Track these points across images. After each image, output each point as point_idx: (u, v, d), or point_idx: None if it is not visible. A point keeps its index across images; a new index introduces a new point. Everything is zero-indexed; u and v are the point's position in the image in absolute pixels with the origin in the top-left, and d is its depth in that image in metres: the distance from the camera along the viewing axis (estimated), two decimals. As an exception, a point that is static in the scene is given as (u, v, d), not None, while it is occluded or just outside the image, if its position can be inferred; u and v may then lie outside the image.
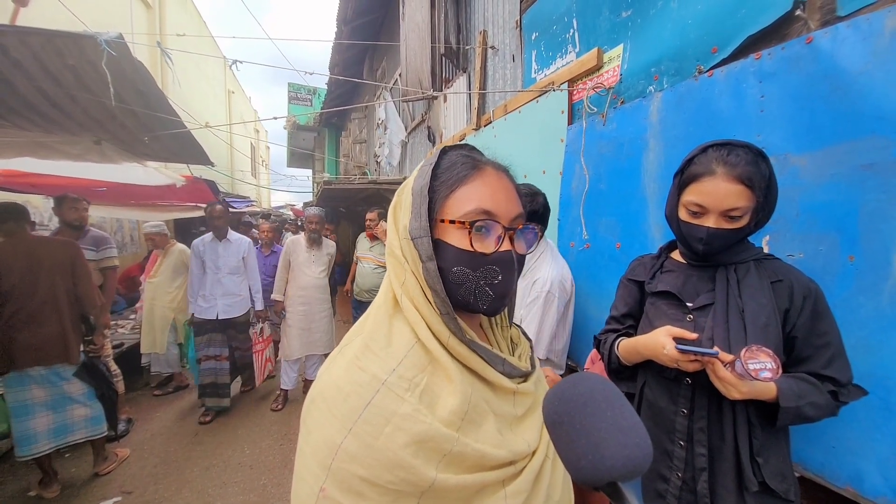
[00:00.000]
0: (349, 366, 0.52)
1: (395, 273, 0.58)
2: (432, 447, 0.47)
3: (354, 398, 0.48)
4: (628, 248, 1.74)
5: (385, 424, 0.47)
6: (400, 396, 0.48)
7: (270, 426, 3.43)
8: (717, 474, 0.91)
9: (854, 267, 1.06)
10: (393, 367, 0.50)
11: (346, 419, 0.48)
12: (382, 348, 0.52)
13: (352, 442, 0.46)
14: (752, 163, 0.88)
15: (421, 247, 0.54)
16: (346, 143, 10.57)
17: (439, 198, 0.56)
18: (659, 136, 1.60)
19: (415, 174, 0.59)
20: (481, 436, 0.50)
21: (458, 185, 0.55)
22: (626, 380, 1.12)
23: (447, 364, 0.52)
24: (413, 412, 0.47)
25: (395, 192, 0.64)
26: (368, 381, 0.49)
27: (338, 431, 0.47)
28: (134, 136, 2.93)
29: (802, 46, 1.17)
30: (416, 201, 0.55)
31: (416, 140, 5.48)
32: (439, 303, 0.54)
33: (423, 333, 0.53)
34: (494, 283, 0.54)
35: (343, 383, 0.50)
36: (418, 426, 0.47)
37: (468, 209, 0.54)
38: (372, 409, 0.47)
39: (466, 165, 0.57)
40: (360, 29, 6.84)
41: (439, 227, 0.55)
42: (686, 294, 1.01)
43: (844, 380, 0.87)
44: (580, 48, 2.13)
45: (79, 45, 2.20)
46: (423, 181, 0.56)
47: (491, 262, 0.54)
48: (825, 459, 1.12)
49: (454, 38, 3.62)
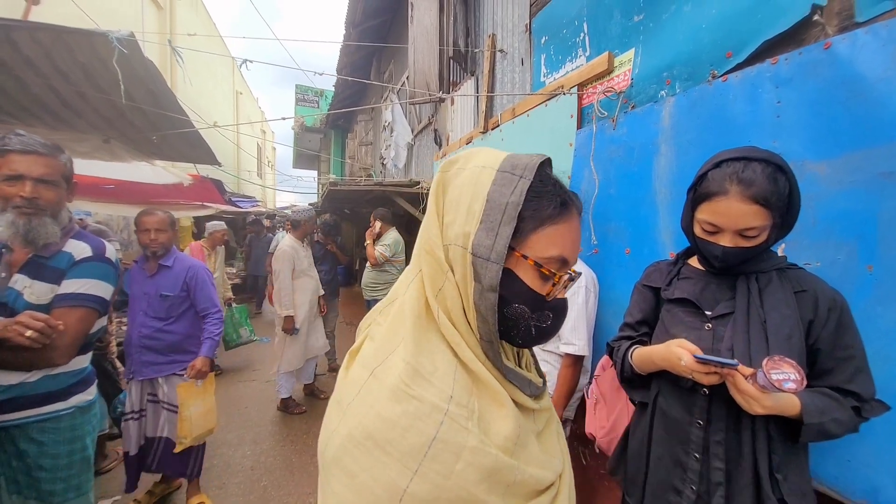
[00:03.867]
0: (398, 394, 0.44)
1: (431, 278, 0.51)
2: (499, 480, 0.44)
3: (415, 434, 0.42)
4: (638, 254, 1.72)
5: (455, 461, 0.42)
6: (464, 427, 0.44)
7: (271, 427, 3.41)
8: (734, 489, 0.89)
9: (873, 277, 1.04)
10: (449, 393, 0.45)
11: (409, 459, 0.42)
12: (432, 372, 0.46)
13: (420, 485, 0.41)
14: (769, 179, 0.84)
15: (484, 271, 0.48)
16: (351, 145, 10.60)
17: (525, 227, 0.50)
18: (671, 141, 1.58)
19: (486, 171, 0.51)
20: (531, 458, 0.48)
21: (548, 222, 0.50)
22: (638, 388, 1.09)
23: (495, 387, 0.49)
24: (480, 444, 0.43)
25: (401, 195, 0.60)
26: (428, 413, 0.43)
27: (400, 474, 0.41)
28: (143, 135, 2.94)
29: (820, 52, 1.16)
30: (494, 215, 0.48)
31: (423, 143, 5.48)
32: (483, 329, 0.49)
33: (466, 355, 0.49)
34: (543, 326, 0.52)
35: (396, 416, 0.43)
36: (487, 459, 0.43)
37: (552, 254, 0.50)
38: (438, 445, 0.42)
39: (558, 201, 0.51)
40: (369, 32, 6.87)
41: (514, 258, 0.50)
42: (704, 302, 0.99)
43: (867, 395, 0.85)
44: (590, 52, 2.11)
45: (90, 43, 2.22)
46: (511, 196, 0.48)
47: (549, 307, 0.52)
48: (840, 473, 1.09)
49: (462, 42, 3.63)
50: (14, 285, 1.33)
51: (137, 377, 2.20)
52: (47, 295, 1.36)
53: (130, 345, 2.21)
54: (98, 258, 1.48)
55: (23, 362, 1.29)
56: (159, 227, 2.22)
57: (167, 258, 2.28)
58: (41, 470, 1.36)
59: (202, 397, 2.27)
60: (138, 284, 2.26)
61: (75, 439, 1.44)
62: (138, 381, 2.22)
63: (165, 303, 2.23)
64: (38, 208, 1.33)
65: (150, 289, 2.23)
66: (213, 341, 2.30)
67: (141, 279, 2.27)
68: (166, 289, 2.24)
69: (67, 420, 1.42)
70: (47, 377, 1.37)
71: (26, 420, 1.35)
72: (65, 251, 1.43)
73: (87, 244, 1.48)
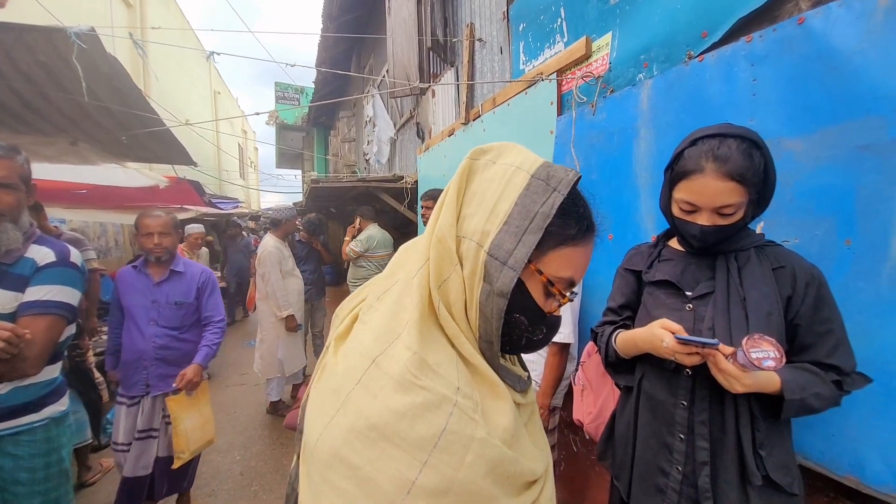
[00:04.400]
0: (405, 385, 0.42)
1: (437, 266, 0.48)
2: (502, 472, 0.43)
3: (424, 424, 0.41)
4: (621, 239, 1.72)
5: (465, 453, 0.41)
6: (472, 419, 0.42)
7: (261, 431, 3.36)
8: (719, 468, 0.88)
9: (851, 251, 1.04)
10: (456, 384, 0.44)
11: (418, 450, 0.40)
12: (438, 363, 0.45)
13: (429, 477, 0.40)
14: (744, 155, 0.84)
15: (498, 274, 0.46)
16: (334, 142, 10.46)
17: (548, 242, 0.49)
18: (650, 124, 1.57)
19: (520, 166, 0.50)
20: (524, 451, 0.48)
21: (570, 242, 0.50)
22: (623, 373, 1.08)
23: (494, 380, 0.48)
24: (486, 436, 0.42)
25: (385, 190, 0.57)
26: (438, 403, 0.42)
27: (408, 466, 0.40)
28: (111, 136, 2.84)
29: (794, 27, 1.15)
30: (521, 222, 0.47)
31: (406, 137, 5.42)
32: (484, 329, 0.48)
33: (465, 348, 0.48)
34: (534, 339, 0.53)
35: (405, 407, 0.41)
36: (493, 451, 0.42)
37: (565, 275, 0.50)
38: (449, 437, 0.41)
39: (584, 225, 0.51)
40: (346, 25, 6.75)
41: (528, 270, 0.49)
42: (685, 283, 0.98)
43: (848, 368, 0.85)
44: (568, 37, 2.09)
45: (50, 40, 2.12)
46: (544, 207, 0.47)
47: (544, 323, 0.53)
48: (825, 448, 1.10)
49: (441, 32, 3.57)
50: None
51: (153, 392, 2.02)
52: (11, 303, 1.30)
53: (141, 359, 2.00)
54: (62, 263, 1.42)
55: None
56: (163, 230, 2.03)
57: (176, 263, 2.13)
58: (18, 484, 1.31)
59: (196, 408, 2.10)
60: (139, 293, 2.04)
61: (51, 451, 1.39)
62: (152, 398, 2.03)
63: (180, 311, 2.08)
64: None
65: (159, 296, 2.05)
66: (209, 350, 2.11)
67: (144, 287, 2.06)
68: (180, 296, 2.08)
69: (42, 432, 1.37)
70: (18, 389, 1.32)
71: (7, 431, 1.30)
72: (27, 257, 1.36)
73: (50, 249, 1.41)
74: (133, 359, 2.01)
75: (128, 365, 2.02)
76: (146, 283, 2.06)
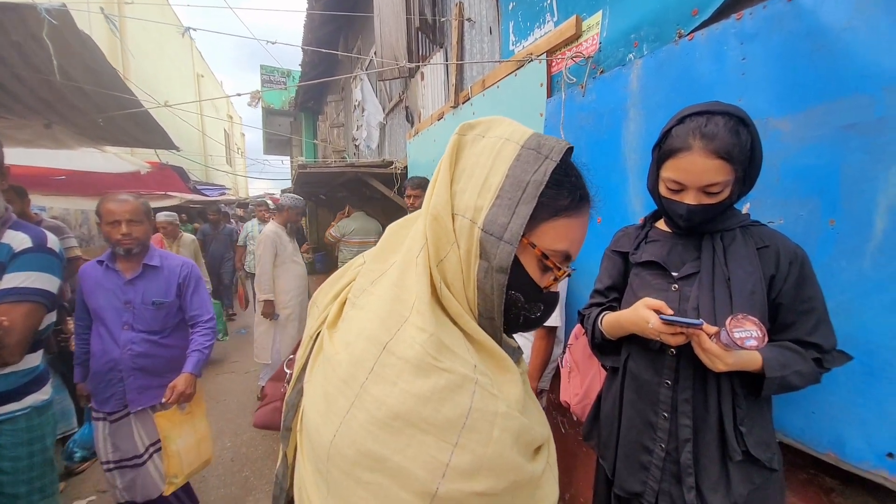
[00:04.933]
0: (426, 369, 0.41)
1: (435, 245, 0.47)
2: (524, 441, 0.44)
3: (450, 406, 0.40)
4: (609, 221, 1.71)
5: (491, 428, 0.41)
6: (493, 394, 0.43)
7: (251, 418, 3.35)
8: (701, 445, 0.90)
9: (835, 231, 1.04)
10: (473, 363, 0.44)
11: (448, 432, 0.40)
12: (455, 343, 0.44)
13: (462, 457, 0.39)
14: (731, 132, 0.83)
15: (495, 250, 0.45)
16: (323, 127, 10.26)
17: (540, 214, 0.47)
18: (639, 104, 1.55)
19: (509, 137, 0.48)
20: (534, 417, 0.49)
21: (563, 213, 0.48)
22: (609, 354, 1.09)
23: (500, 354, 0.48)
24: (508, 409, 0.43)
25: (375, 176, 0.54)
26: (461, 384, 0.41)
27: (439, 449, 0.39)
28: (87, 118, 2.73)
29: (784, 4, 1.13)
30: (513, 193, 0.45)
31: (395, 121, 5.33)
32: (484, 307, 0.48)
33: (469, 325, 0.47)
34: (531, 317, 0.52)
35: (429, 391, 0.41)
36: (515, 423, 0.43)
37: (560, 247, 0.49)
38: (475, 415, 0.41)
39: (581, 195, 0.49)
40: (333, 5, 6.55)
41: (521, 244, 0.47)
42: (671, 263, 0.98)
43: (829, 346, 0.86)
44: (558, 17, 2.05)
45: (21, 18, 2.02)
46: (535, 175, 0.46)
47: (542, 299, 0.51)
48: (805, 425, 1.12)
49: (429, 11, 3.48)
50: None
51: (133, 407, 1.74)
52: None
53: (115, 369, 1.71)
54: (39, 249, 1.37)
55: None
56: (133, 216, 1.71)
57: (150, 256, 1.81)
58: (2, 473, 1.30)
59: (190, 424, 1.78)
60: (109, 293, 1.74)
61: (34, 440, 1.38)
62: (132, 415, 1.76)
63: (160, 312, 1.79)
64: None
65: (132, 296, 1.75)
66: (201, 355, 1.81)
67: (113, 286, 1.74)
68: (157, 294, 1.78)
69: (24, 421, 1.35)
70: None
71: None
72: (3, 243, 1.32)
73: (26, 234, 1.36)
74: (105, 369, 1.71)
75: (99, 376, 1.73)
76: (115, 280, 1.75)
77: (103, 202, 1.72)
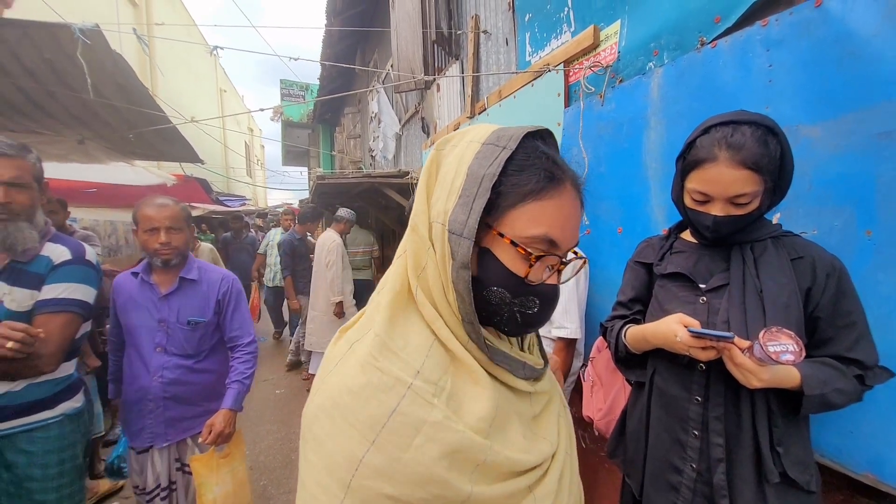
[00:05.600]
0: (365, 366, 0.44)
1: (414, 256, 0.48)
2: (465, 458, 0.42)
3: (376, 405, 0.42)
4: (630, 232, 1.68)
5: (414, 435, 0.41)
6: (428, 402, 0.42)
7: (270, 426, 3.38)
8: (735, 465, 0.86)
9: (872, 242, 1.00)
10: (417, 368, 0.44)
11: (368, 429, 0.41)
12: (402, 347, 0.45)
13: (376, 456, 0.41)
14: (759, 142, 0.80)
15: (458, 247, 0.45)
16: (340, 139, 10.45)
17: (503, 202, 0.46)
18: (660, 113, 1.53)
19: (473, 145, 0.48)
20: (508, 441, 0.46)
21: (531, 197, 0.46)
22: (634, 368, 1.06)
23: (472, 366, 0.47)
24: (444, 420, 0.42)
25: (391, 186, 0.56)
26: (391, 385, 0.43)
27: (358, 443, 0.41)
28: (118, 134, 2.85)
29: (811, 10, 1.11)
30: (470, 188, 0.45)
31: (411, 132, 5.39)
32: (463, 309, 0.47)
33: (442, 332, 0.47)
34: (528, 313, 0.49)
35: (360, 387, 0.43)
36: (452, 435, 0.42)
37: (534, 233, 0.46)
38: (398, 418, 0.41)
39: (548, 175, 0.47)
40: (350, 21, 6.72)
41: (491, 236, 0.47)
42: (698, 275, 0.95)
43: (871, 362, 0.82)
44: (576, 27, 2.05)
45: (54, 37, 2.12)
46: (489, 168, 0.45)
47: (534, 293, 0.48)
48: (842, 444, 1.07)
49: (446, 24, 3.53)
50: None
51: (160, 443, 1.56)
52: (27, 301, 1.32)
53: (145, 398, 1.54)
54: (78, 261, 1.43)
55: (8, 371, 1.25)
56: (173, 223, 1.52)
57: (188, 268, 1.62)
58: (32, 480, 1.33)
59: (229, 468, 1.56)
60: (142, 309, 1.56)
61: (65, 448, 1.41)
62: (162, 448, 1.59)
63: (196, 333, 1.59)
64: (12, 213, 1.28)
65: (167, 313, 1.56)
66: (241, 387, 1.60)
67: (147, 301, 1.56)
68: (194, 312, 1.58)
69: (56, 428, 1.39)
70: (31, 385, 1.33)
71: (13, 430, 1.32)
72: (43, 255, 1.38)
73: (65, 247, 1.42)
74: (135, 398, 1.55)
75: (128, 406, 1.58)
76: (150, 295, 1.57)
77: (140, 207, 1.55)
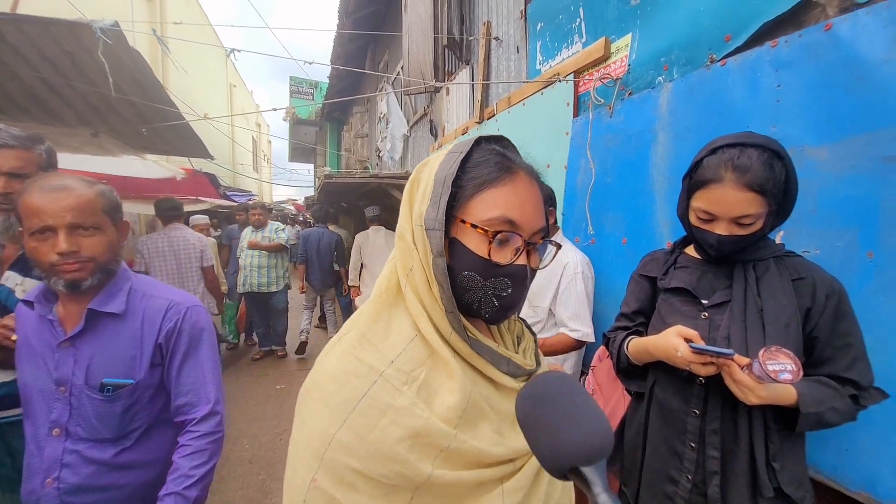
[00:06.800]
0: (345, 355, 0.51)
1: (402, 260, 0.55)
2: (428, 442, 0.46)
3: (349, 389, 0.48)
4: (635, 243, 1.70)
5: (380, 417, 0.46)
6: (397, 389, 0.48)
7: (270, 421, 3.41)
8: (730, 478, 0.88)
9: (873, 264, 1.02)
10: (391, 358, 0.50)
11: (341, 410, 0.47)
12: (381, 339, 0.52)
13: (345, 433, 0.46)
14: (765, 165, 0.82)
15: (433, 240, 0.52)
16: (347, 137, 10.51)
17: (464, 194, 0.53)
18: (668, 128, 1.55)
19: (441, 157, 0.56)
20: (478, 433, 0.50)
21: (486, 185, 0.52)
22: (635, 379, 1.08)
23: (448, 359, 0.51)
24: (409, 406, 0.47)
25: (397, 187, 0.61)
26: (365, 373, 0.49)
27: (331, 422, 0.47)
28: (132, 128, 2.89)
29: (821, 34, 1.13)
30: (437, 190, 0.52)
31: (418, 134, 5.43)
32: (445, 299, 0.52)
33: (424, 327, 0.52)
34: (502, 295, 0.53)
35: (338, 373, 0.50)
36: (414, 420, 0.46)
37: (492, 216, 0.51)
38: (367, 401, 0.47)
39: (499, 166, 0.53)
40: (362, 21, 6.76)
41: (457, 225, 0.53)
42: (701, 291, 0.97)
43: (866, 383, 0.83)
44: (587, 38, 2.07)
45: (75, 34, 2.17)
46: (449, 170, 0.52)
47: (504, 274, 0.52)
48: (838, 462, 1.09)
49: (457, 30, 3.56)
50: (6, 282, 1.31)
51: None
52: None
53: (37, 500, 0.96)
54: None
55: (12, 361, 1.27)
56: (80, 218, 0.91)
57: (108, 294, 0.99)
58: None
59: None
60: (37, 359, 0.97)
61: None
62: None
63: (116, 405, 0.96)
64: (13, 203, 1.32)
65: (68, 371, 0.95)
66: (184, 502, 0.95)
67: (43, 347, 0.96)
68: (115, 369, 0.96)
69: None
70: None
71: (17, 417, 1.33)
72: None
73: None
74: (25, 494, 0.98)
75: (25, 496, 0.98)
76: (47, 338, 0.96)
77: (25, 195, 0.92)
